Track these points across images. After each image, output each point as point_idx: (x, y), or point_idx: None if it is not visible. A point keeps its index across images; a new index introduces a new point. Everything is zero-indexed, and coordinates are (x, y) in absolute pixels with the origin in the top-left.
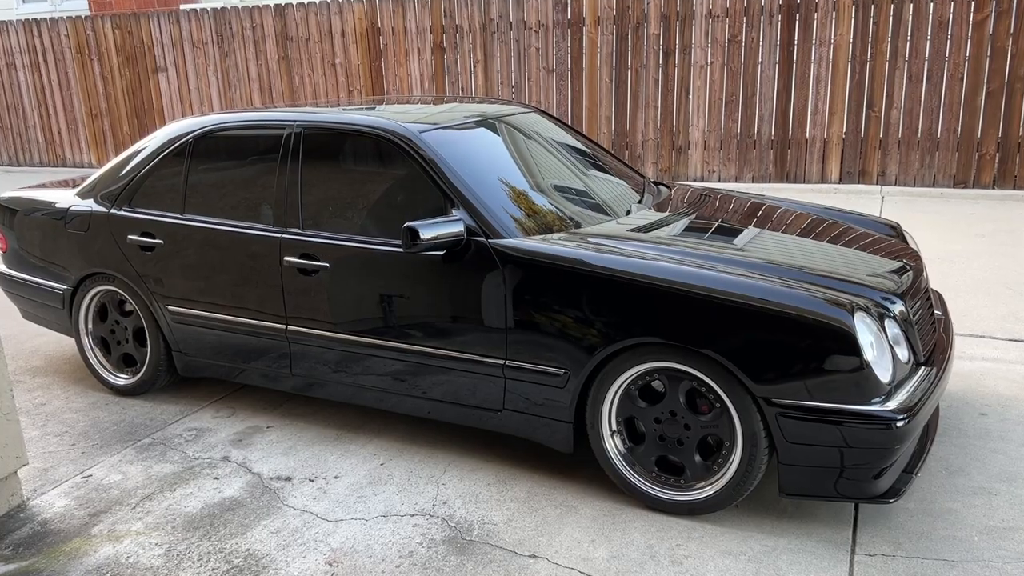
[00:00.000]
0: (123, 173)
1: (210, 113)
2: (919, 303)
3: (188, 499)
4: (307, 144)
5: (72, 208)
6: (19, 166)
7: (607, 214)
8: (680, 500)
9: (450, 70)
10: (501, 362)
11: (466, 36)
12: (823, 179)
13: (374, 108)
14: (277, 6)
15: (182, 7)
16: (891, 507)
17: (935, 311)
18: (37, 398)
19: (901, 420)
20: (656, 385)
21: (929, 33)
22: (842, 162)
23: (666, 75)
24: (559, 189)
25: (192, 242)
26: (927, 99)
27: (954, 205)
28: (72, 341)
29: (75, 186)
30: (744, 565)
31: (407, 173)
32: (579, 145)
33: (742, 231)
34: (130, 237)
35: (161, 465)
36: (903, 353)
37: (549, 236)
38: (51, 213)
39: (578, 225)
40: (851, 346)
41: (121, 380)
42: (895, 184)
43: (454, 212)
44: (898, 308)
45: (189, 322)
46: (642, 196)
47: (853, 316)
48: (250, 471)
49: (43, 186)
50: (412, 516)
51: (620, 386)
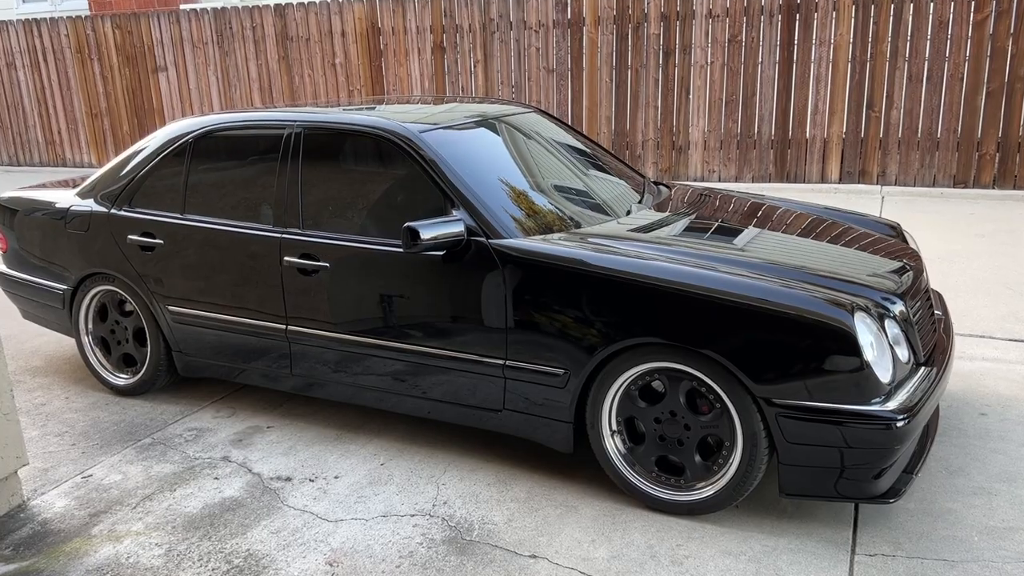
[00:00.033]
0: (123, 173)
1: (210, 113)
2: (919, 303)
3: (188, 499)
4: (307, 144)
5: (72, 208)
6: (19, 166)
7: (607, 214)
8: (680, 500)
9: (450, 70)
10: (501, 362)
11: (466, 36)
12: (823, 179)
13: (374, 108)
14: (277, 6)
15: (182, 7)
16: (891, 507)
17: (935, 311)
18: (37, 398)
19: (901, 420)
20: (656, 385)
21: (929, 33)
22: (842, 162)
23: (666, 75)
24: (559, 189)
25: (192, 242)
26: (927, 99)
27: (954, 205)
28: (72, 341)
29: (75, 186)
30: (744, 565)
31: (407, 173)
32: (579, 145)
33: (742, 231)
34: (130, 237)
35: (161, 465)
36: (903, 353)
37: (549, 236)
38: (51, 213)
39: (578, 225)
40: (851, 346)
41: (121, 380)
42: (895, 184)
43: (454, 212)
44: (898, 308)
45: (189, 322)
46: (642, 196)
47: (853, 316)
48: (250, 471)
49: (43, 186)
50: (412, 516)
51: (620, 386)
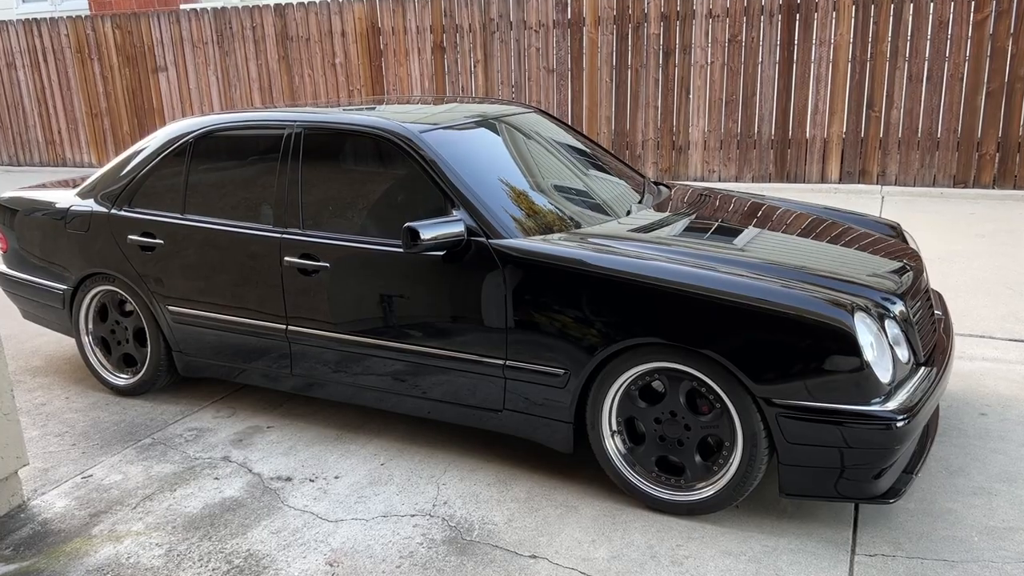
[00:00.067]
0: (123, 173)
1: (210, 113)
2: (919, 303)
3: (188, 499)
4: (307, 144)
5: (72, 208)
6: (19, 166)
7: (607, 214)
8: (680, 500)
9: (450, 70)
10: (501, 362)
11: (466, 36)
12: (823, 179)
13: (374, 108)
14: (277, 6)
15: (182, 7)
16: (891, 507)
17: (935, 311)
18: (37, 398)
19: (901, 420)
20: (656, 385)
21: (929, 33)
22: (842, 162)
23: (666, 75)
24: (559, 189)
25: (192, 242)
26: (927, 99)
27: (954, 205)
28: (72, 341)
29: (75, 186)
30: (744, 565)
31: (407, 173)
32: (579, 145)
33: (742, 231)
34: (130, 237)
35: (161, 465)
36: (903, 353)
37: (549, 236)
38: (51, 213)
39: (578, 225)
40: (851, 346)
41: (121, 380)
42: (895, 184)
43: (454, 212)
44: (898, 308)
45: (189, 322)
46: (642, 196)
47: (853, 316)
48: (250, 471)
49: (43, 186)
50: (412, 516)
51: (620, 386)
